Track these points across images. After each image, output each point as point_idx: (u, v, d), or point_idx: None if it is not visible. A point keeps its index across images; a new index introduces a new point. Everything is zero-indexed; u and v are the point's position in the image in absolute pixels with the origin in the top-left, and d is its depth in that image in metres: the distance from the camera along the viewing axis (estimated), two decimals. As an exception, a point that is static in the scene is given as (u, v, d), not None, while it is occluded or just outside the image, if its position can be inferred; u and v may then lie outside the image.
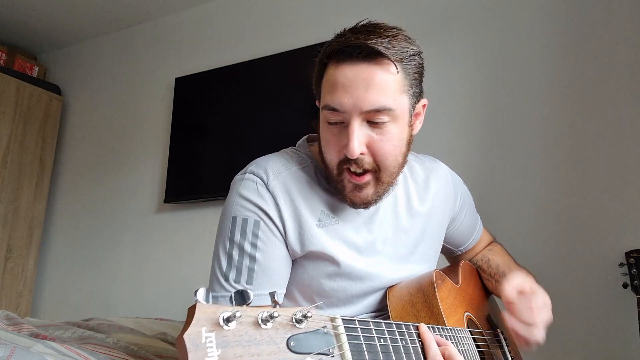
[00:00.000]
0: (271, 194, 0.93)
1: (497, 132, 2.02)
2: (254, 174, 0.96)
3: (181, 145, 2.76)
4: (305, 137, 1.08)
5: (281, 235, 0.94)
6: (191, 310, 0.49)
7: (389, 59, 0.86)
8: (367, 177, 0.91)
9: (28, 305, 2.97)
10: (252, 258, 0.91)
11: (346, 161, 0.89)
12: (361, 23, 0.92)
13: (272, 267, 0.92)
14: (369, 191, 0.92)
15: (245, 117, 2.58)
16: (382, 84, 0.86)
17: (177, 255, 2.67)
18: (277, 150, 1.07)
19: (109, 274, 2.86)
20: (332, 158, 0.92)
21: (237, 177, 0.99)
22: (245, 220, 0.93)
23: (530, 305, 0.95)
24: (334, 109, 0.88)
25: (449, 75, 2.08)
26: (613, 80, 1.85)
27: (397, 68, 0.88)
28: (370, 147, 0.89)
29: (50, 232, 3.16)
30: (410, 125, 0.94)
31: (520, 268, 1.17)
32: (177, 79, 2.85)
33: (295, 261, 0.97)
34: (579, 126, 1.87)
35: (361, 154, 0.88)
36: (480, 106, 2.06)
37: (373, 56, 0.86)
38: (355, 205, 0.94)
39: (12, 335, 1.11)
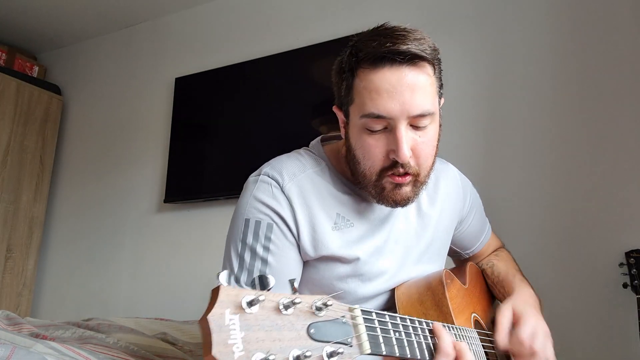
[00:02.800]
0: (286, 197, 0.93)
1: (496, 132, 2.01)
2: (269, 176, 0.95)
3: (181, 145, 2.76)
4: (319, 137, 1.08)
5: (294, 238, 0.93)
6: (215, 292, 0.49)
7: (428, 61, 0.87)
8: (409, 178, 0.91)
9: (28, 305, 2.97)
10: (264, 261, 0.91)
11: (392, 166, 0.89)
12: (381, 26, 0.91)
13: (284, 271, 0.92)
14: (408, 188, 0.92)
15: (246, 117, 2.58)
16: (424, 87, 0.87)
17: (177, 255, 2.67)
18: (277, 151, 1.06)
19: (109, 274, 2.86)
20: (373, 165, 0.90)
21: (251, 178, 0.98)
22: (258, 223, 0.92)
23: (522, 342, 0.95)
24: (379, 116, 0.86)
25: (448, 75, 2.08)
26: (613, 81, 1.85)
27: (434, 70, 0.89)
28: (414, 150, 0.89)
29: (50, 232, 3.16)
30: (440, 125, 0.95)
31: (522, 278, 1.17)
32: (177, 79, 2.85)
33: (307, 262, 0.97)
34: (579, 126, 1.87)
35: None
36: (480, 106, 2.06)
37: (413, 60, 0.85)
38: (396, 203, 0.94)
39: (12, 335, 1.11)
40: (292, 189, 0.94)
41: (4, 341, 1.01)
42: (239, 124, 2.60)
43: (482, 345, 0.99)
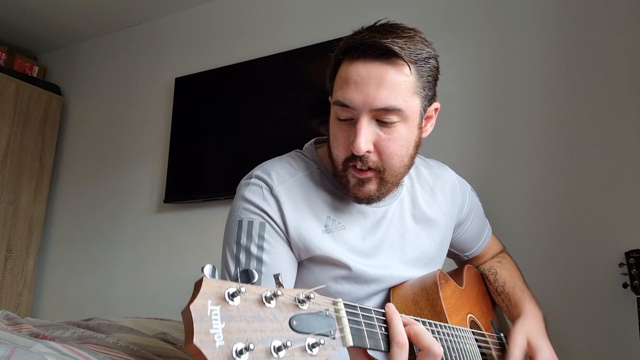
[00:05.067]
0: (275, 199, 0.94)
1: (496, 132, 2.02)
2: (259, 179, 0.97)
3: (181, 145, 2.76)
4: (313, 140, 1.08)
5: (285, 236, 0.94)
6: (198, 284, 0.50)
7: (403, 59, 0.87)
8: (370, 174, 0.91)
9: (28, 305, 2.97)
10: (259, 260, 0.91)
11: (352, 158, 0.90)
12: (380, 22, 0.92)
13: (279, 268, 0.92)
14: (371, 187, 0.92)
15: (245, 117, 2.58)
16: (394, 84, 0.86)
17: (177, 255, 2.67)
18: (277, 151, 1.07)
19: (109, 274, 2.86)
20: (339, 154, 0.92)
21: (243, 181, 1.00)
22: (250, 223, 0.93)
23: None
24: (344, 105, 0.88)
25: (448, 75, 2.08)
26: (613, 81, 1.85)
27: (410, 69, 0.88)
28: (377, 146, 0.89)
29: (50, 232, 3.16)
30: (420, 128, 0.94)
31: (529, 293, 1.17)
32: (177, 79, 2.85)
33: (301, 263, 0.97)
34: (579, 126, 1.87)
35: (367, 151, 0.88)
36: (480, 106, 2.06)
37: (387, 56, 0.86)
38: (358, 200, 0.95)
39: (12, 335, 1.11)
40: (281, 192, 0.95)
41: (4, 341, 1.01)
42: (239, 124, 2.60)
43: (479, 345, 0.99)
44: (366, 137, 0.87)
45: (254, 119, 2.55)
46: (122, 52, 3.20)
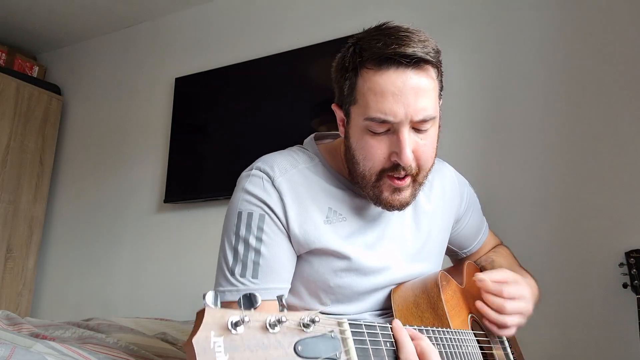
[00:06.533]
0: (277, 190, 0.94)
1: (496, 132, 2.02)
2: (261, 170, 0.97)
3: (181, 145, 2.76)
4: (313, 135, 1.08)
5: (285, 230, 0.94)
6: (200, 315, 0.49)
7: (432, 64, 0.87)
8: (408, 180, 0.91)
9: (28, 305, 2.97)
10: (257, 252, 0.91)
11: (393, 169, 0.90)
12: (386, 25, 0.91)
13: (278, 261, 0.92)
14: (407, 193, 0.93)
15: (245, 117, 2.58)
16: (428, 91, 0.87)
17: (177, 255, 2.67)
18: (277, 150, 1.07)
19: (109, 274, 2.86)
20: (374, 166, 0.91)
21: (244, 173, 1.00)
22: (250, 215, 0.93)
23: (501, 292, 0.96)
24: (384, 121, 0.86)
25: (448, 74, 2.08)
26: (613, 80, 1.85)
27: (437, 73, 0.89)
28: (415, 152, 0.89)
29: (50, 232, 3.16)
30: (439, 125, 0.96)
31: (524, 271, 1.18)
32: (177, 79, 2.85)
33: (300, 257, 0.97)
34: (579, 125, 1.87)
35: None
36: (480, 105, 2.06)
37: (419, 63, 0.86)
38: (392, 207, 0.94)
39: (12, 335, 1.11)
40: (282, 183, 0.95)
41: (4, 341, 1.01)
42: (239, 124, 2.60)
43: (480, 346, 0.99)
44: (410, 146, 0.87)
45: (254, 119, 2.55)
46: (122, 52, 3.20)
